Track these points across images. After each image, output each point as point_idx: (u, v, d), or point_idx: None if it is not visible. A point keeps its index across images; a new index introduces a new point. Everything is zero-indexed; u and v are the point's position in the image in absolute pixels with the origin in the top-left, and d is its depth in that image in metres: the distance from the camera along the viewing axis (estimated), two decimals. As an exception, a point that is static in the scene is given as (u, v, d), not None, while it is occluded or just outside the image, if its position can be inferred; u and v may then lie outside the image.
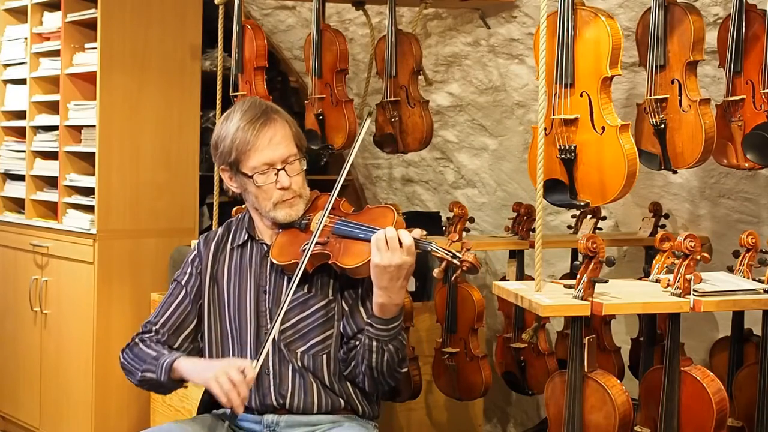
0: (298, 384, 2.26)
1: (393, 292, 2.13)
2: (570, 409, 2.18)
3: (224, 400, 2.07)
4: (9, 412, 4.49)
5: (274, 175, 2.26)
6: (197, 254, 2.41)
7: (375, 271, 2.11)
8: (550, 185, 2.43)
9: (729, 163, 2.46)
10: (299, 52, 4.38)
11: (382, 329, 2.17)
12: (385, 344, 2.19)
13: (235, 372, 2.08)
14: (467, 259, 2.11)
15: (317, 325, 2.27)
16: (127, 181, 3.99)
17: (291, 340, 2.27)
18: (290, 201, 2.28)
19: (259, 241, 2.36)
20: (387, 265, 2.09)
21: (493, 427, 4.21)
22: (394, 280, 2.11)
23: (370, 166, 4.53)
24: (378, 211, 2.28)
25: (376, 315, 2.17)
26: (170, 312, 2.36)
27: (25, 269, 4.31)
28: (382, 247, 2.09)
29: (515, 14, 3.31)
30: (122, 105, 3.96)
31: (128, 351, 2.35)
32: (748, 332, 2.65)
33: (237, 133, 2.26)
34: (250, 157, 2.25)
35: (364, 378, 2.24)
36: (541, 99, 2.36)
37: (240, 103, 2.35)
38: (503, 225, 3.27)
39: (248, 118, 2.27)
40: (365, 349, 2.19)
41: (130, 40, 3.97)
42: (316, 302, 2.28)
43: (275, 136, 2.27)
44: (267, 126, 2.26)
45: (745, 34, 2.34)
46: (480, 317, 3.09)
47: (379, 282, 2.12)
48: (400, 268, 2.10)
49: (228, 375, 2.07)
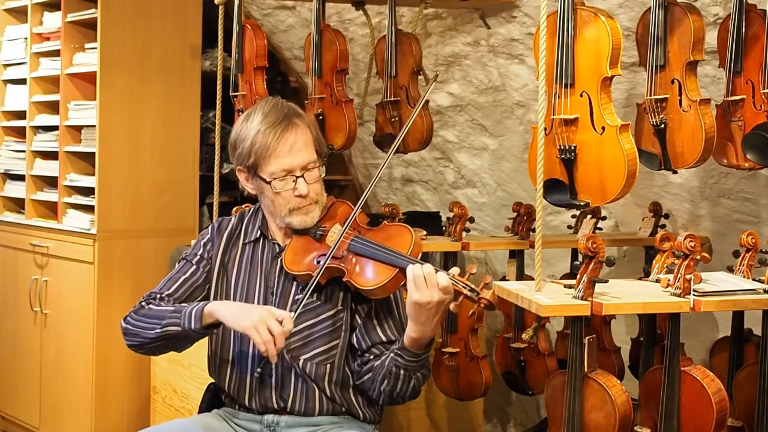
0: (300, 389, 2.25)
1: (428, 327, 2.10)
2: (570, 409, 2.18)
3: (262, 348, 2.05)
4: (9, 412, 4.49)
5: (292, 182, 2.22)
6: (210, 239, 2.37)
7: (413, 308, 2.07)
8: (550, 185, 2.43)
9: (729, 163, 2.46)
10: (299, 52, 4.38)
11: (411, 361, 2.15)
12: (413, 372, 2.17)
13: (274, 322, 2.05)
14: (485, 297, 2.06)
15: (324, 334, 2.25)
16: (127, 181, 3.99)
17: (295, 346, 2.24)
18: (306, 208, 2.25)
19: (272, 241, 2.34)
20: (428, 302, 2.05)
21: (493, 427, 4.21)
22: (431, 317, 2.08)
23: (370, 166, 4.53)
24: (395, 229, 2.24)
25: (407, 348, 2.14)
26: (178, 285, 2.32)
27: (25, 269, 4.31)
28: (421, 284, 2.05)
29: (515, 14, 3.31)
30: (122, 105, 3.96)
31: (133, 314, 2.28)
32: (748, 332, 2.66)
33: (257, 137, 2.21)
34: (270, 163, 2.21)
35: (381, 395, 2.23)
36: (541, 99, 2.36)
37: (262, 103, 2.29)
38: (503, 225, 3.27)
39: (270, 121, 2.22)
40: (390, 375, 2.17)
41: (130, 40, 3.97)
42: (324, 311, 2.25)
43: (297, 143, 2.22)
44: (288, 131, 2.21)
45: (745, 34, 2.34)
46: (480, 317, 3.09)
47: (416, 318, 2.08)
48: (440, 305, 2.07)
49: (267, 324, 2.05)
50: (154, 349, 2.30)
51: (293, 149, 2.21)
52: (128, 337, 2.29)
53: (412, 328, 2.10)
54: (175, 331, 2.19)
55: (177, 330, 2.18)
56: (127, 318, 2.30)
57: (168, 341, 2.24)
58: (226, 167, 4.34)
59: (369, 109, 3.76)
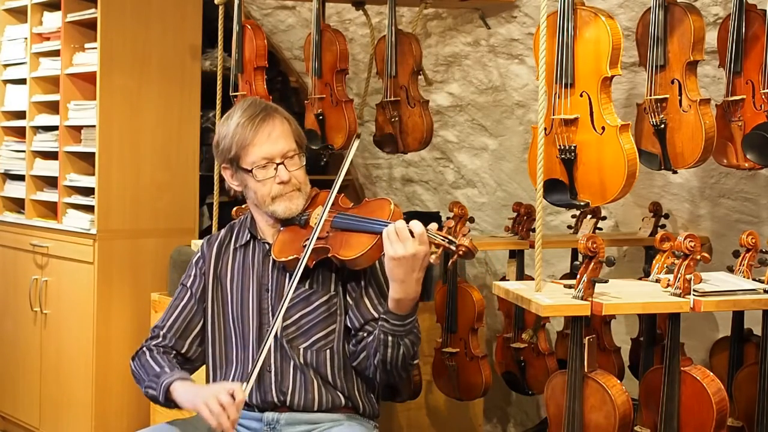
0: (300, 381, 2.27)
1: (409, 285, 2.12)
2: (570, 409, 2.18)
3: (214, 423, 2.07)
4: (9, 412, 4.49)
5: (273, 169, 2.28)
6: (201, 256, 2.44)
7: (390, 265, 2.11)
8: (550, 185, 2.43)
9: (729, 163, 2.46)
10: (299, 52, 4.38)
11: (397, 324, 2.17)
12: (401, 338, 2.19)
13: (225, 395, 2.08)
14: (463, 243, 2.10)
15: (320, 320, 2.28)
16: (127, 181, 3.99)
17: (293, 336, 2.28)
18: (289, 195, 2.30)
19: (261, 240, 2.37)
20: (402, 256, 2.08)
21: (493, 427, 4.21)
22: (410, 272, 2.10)
23: (370, 166, 4.53)
24: (375, 203, 2.29)
25: (391, 311, 2.17)
26: (176, 315, 2.39)
27: (25, 269, 4.31)
28: (394, 238, 2.09)
29: (515, 14, 3.31)
30: (122, 105, 3.96)
31: (137, 359, 2.37)
32: (748, 332, 2.66)
33: (237, 129, 2.29)
34: (249, 152, 2.28)
35: (376, 370, 2.24)
36: (541, 99, 2.36)
37: (240, 103, 2.38)
38: (503, 225, 3.27)
39: (248, 115, 2.30)
40: (379, 344, 2.19)
41: (130, 40, 3.97)
42: (317, 298, 2.29)
43: (273, 131, 2.29)
44: (266, 122, 2.29)
45: (745, 34, 2.34)
46: (480, 317, 3.09)
47: (395, 275, 2.11)
48: (415, 258, 2.09)
49: (218, 398, 2.08)
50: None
51: (271, 137, 2.29)
52: (135, 380, 2.39)
53: (393, 288, 2.14)
54: (153, 395, 2.28)
55: (154, 395, 2.28)
56: (133, 360, 2.39)
57: (154, 401, 2.32)
58: (226, 167, 4.34)
59: (369, 109, 3.76)
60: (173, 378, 2.25)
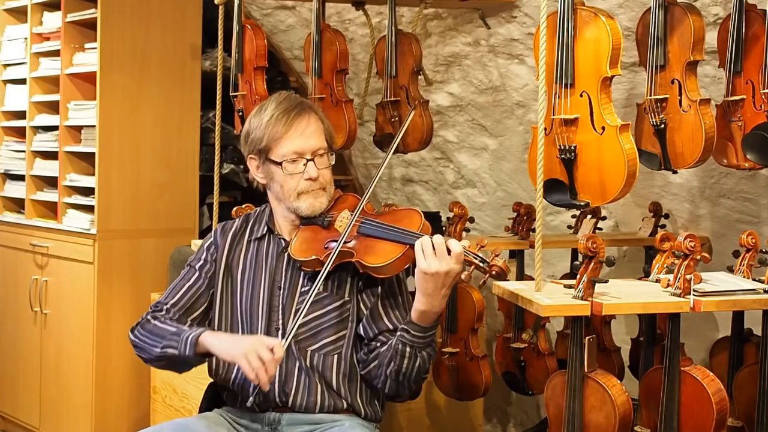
0: (303, 383, 2.26)
1: (436, 299, 2.11)
2: (570, 409, 2.18)
3: (252, 376, 2.06)
4: (9, 412, 4.49)
5: (302, 165, 2.27)
6: (213, 242, 2.41)
7: (421, 277, 2.09)
8: (550, 185, 2.43)
9: (729, 163, 2.46)
10: (299, 52, 4.38)
11: (418, 336, 2.17)
12: (420, 350, 2.18)
13: (265, 350, 2.07)
14: (496, 264, 2.10)
15: (331, 324, 2.27)
16: (127, 181, 3.99)
17: (303, 337, 2.26)
18: (315, 192, 2.29)
19: (278, 236, 2.36)
20: (435, 272, 2.07)
21: (493, 427, 4.21)
22: (439, 288, 2.10)
23: (370, 166, 4.53)
24: (404, 212, 2.27)
25: (414, 321, 2.16)
26: (182, 293, 2.36)
27: (25, 269, 4.31)
28: (429, 253, 2.08)
29: (515, 14, 3.31)
30: (122, 105, 3.96)
31: (140, 328, 2.33)
32: (748, 332, 2.66)
33: (270, 121, 2.28)
34: (282, 145, 2.27)
35: (386, 380, 2.23)
36: (541, 99, 2.36)
37: (276, 95, 2.37)
38: (503, 225, 3.27)
39: (283, 108, 2.30)
40: (396, 354, 2.18)
41: (130, 40, 3.97)
42: (331, 302, 2.27)
43: (308, 128, 2.29)
44: (301, 116, 2.29)
45: (745, 34, 2.34)
46: (480, 317, 3.09)
47: (424, 288, 2.10)
48: (448, 275, 2.09)
49: (257, 353, 2.06)
50: (159, 366, 2.36)
51: (305, 133, 2.28)
52: (137, 350, 2.35)
53: (420, 300, 2.12)
54: (172, 354, 2.23)
55: (174, 353, 2.23)
56: (134, 331, 2.35)
57: (168, 362, 2.29)
58: (226, 167, 4.34)
59: (369, 109, 3.76)
60: (201, 330, 2.22)
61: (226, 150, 4.34)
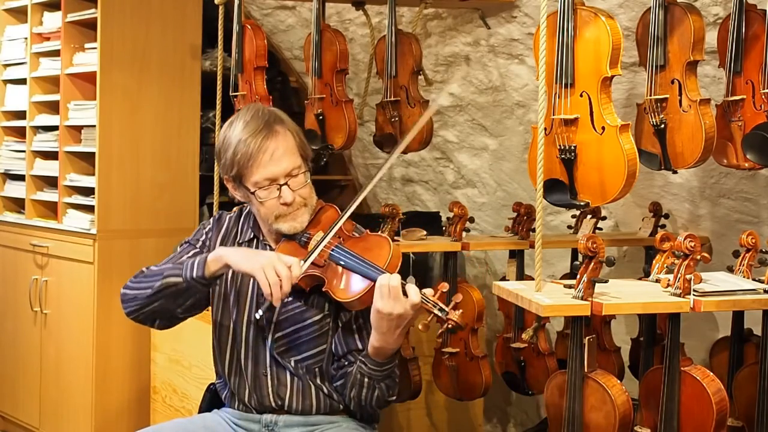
0: (297, 386, 2.26)
1: (390, 338, 2.11)
2: (570, 409, 2.18)
3: (267, 291, 2.06)
4: (9, 412, 4.49)
5: (276, 190, 2.21)
6: (211, 228, 2.40)
7: (375, 316, 2.09)
8: (550, 185, 2.43)
9: (729, 163, 2.46)
10: (299, 52, 4.38)
11: (375, 370, 2.17)
12: (378, 382, 2.19)
13: (283, 267, 2.07)
14: (452, 319, 2.07)
15: (311, 338, 2.27)
16: (127, 181, 3.99)
17: (284, 349, 2.27)
18: (293, 214, 2.24)
19: (264, 242, 2.35)
20: (389, 313, 2.06)
21: (493, 427, 4.21)
22: (393, 329, 2.09)
23: (370, 166, 4.53)
24: (375, 240, 2.25)
25: (369, 355, 2.16)
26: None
27: (25, 269, 4.31)
28: (385, 293, 2.06)
29: (515, 14, 3.31)
30: (122, 105, 3.96)
31: (132, 279, 2.27)
32: (748, 332, 2.65)
33: (239, 146, 2.19)
34: (253, 173, 2.19)
35: (350, 402, 2.25)
36: (541, 99, 2.36)
37: (243, 111, 2.27)
38: (503, 225, 3.27)
39: (250, 130, 2.19)
40: (355, 382, 2.20)
41: (130, 39, 3.97)
42: (311, 315, 2.27)
43: (277, 150, 2.19)
44: (269, 139, 2.19)
45: (745, 34, 2.34)
46: (480, 317, 3.09)
47: (378, 327, 2.10)
48: (401, 318, 2.07)
49: (275, 268, 2.06)
50: (152, 312, 2.24)
51: (274, 157, 2.19)
52: (126, 303, 2.26)
53: (375, 336, 2.12)
54: (174, 282, 2.16)
55: (177, 281, 2.16)
56: (126, 285, 2.28)
57: (166, 299, 2.20)
58: (226, 167, 4.33)
59: (369, 109, 3.76)
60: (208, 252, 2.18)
61: (226, 150, 4.33)
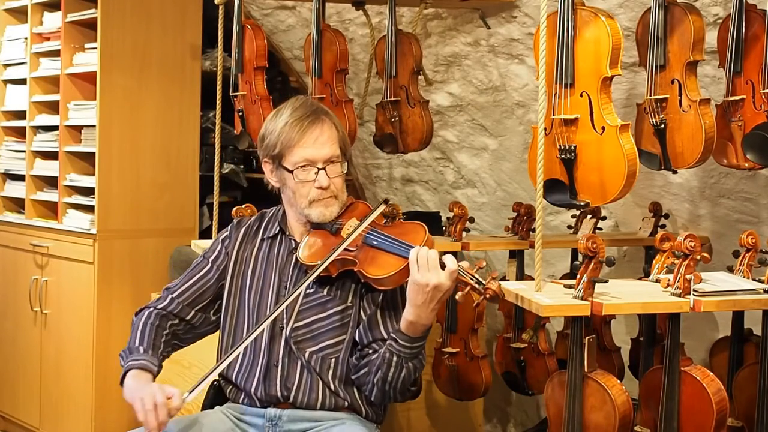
0: (305, 379, 2.27)
1: (424, 312, 2.12)
2: (570, 409, 2.18)
3: (141, 418, 2.09)
4: (9, 412, 4.49)
5: (314, 173, 2.28)
6: (228, 236, 2.44)
7: (412, 288, 2.11)
8: (550, 185, 2.43)
9: (729, 163, 2.46)
10: (299, 52, 4.38)
11: (405, 346, 2.17)
12: (406, 361, 2.18)
13: (161, 396, 2.11)
14: (491, 287, 2.09)
15: (331, 328, 2.28)
16: (127, 181, 3.99)
17: (302, 339, 2.27)
18: (326, 201, 2.30)
19: (289, 236, 2.38)
20: (425, 284, 2.08)
21: (493, 427, 4.21)
22: (428, 301, 2.10)
23: (370, 166, 4.53)
24: (410, 226, 2.28)
25: (402, 331, 2.17)
26: (191, 283, 2.39)
27: (25, 269, 4.31)
28: (423, 264, 2.09)
29: (515, 14, 3.31)
30: (122, 105, 3.96)
31: (138, 316, 2.39)
32: (748, 332, 2.66)
33: (284, 128, 2.28)
34: (294, 153, 2.27)
35: (373, 388, 2.24)
36: (541, 99, 2.36)
37: (293, 100, 2.37)
38: (503, 225, 3.27)
39: (298, 115, 2.29)
40: (383, 362, 2.19)
41: (130, 40, 3.97)
42: (333, 306, 2.28)
43: (321, 136, 2.28)
44: (315, 125, 2.28)
45: (745, 34, 2.34)
46: (480, 317, 3.09)
47: (413, 299, 2.11)
48: (437, 290, 2.09)
49: (153, 397, 2.10)
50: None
51: (318, 142, 2.28)
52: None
53: (409, 310, 2.13)
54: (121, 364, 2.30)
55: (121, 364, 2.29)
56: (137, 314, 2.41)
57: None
58: (226, 167, 4.34)
59: (369, 109, 3.76)
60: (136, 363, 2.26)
61: (226, 150, 4.34)
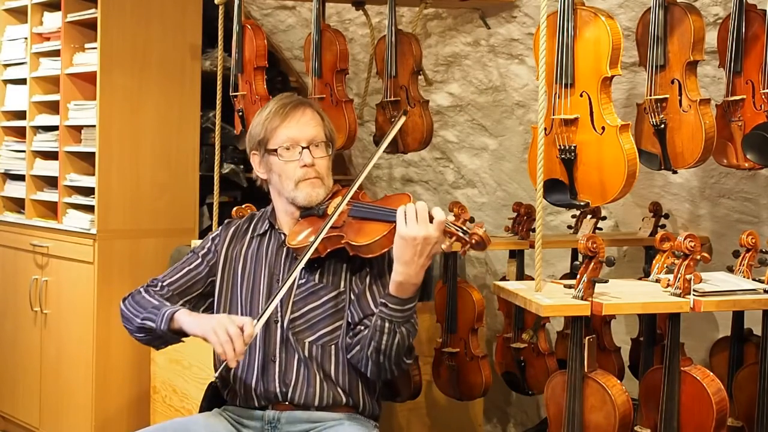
0: (303, 374, 2.28)
1: (413, 269, 2.12)
2: (570, 409, 2.18)
3: (219, 350, 2.11)
4: (9, 412, 4.49)
5: (298, 153, 2.32)
6: (218, 234, 2.49)
7: (399, 243, 2.12)
8: (550, 185, 2.43)
9: (729, 163, 2.46)
10: (299, 52, 4.38)
11: (396, 309, 2.17)
12: (398, 326, 2.18)
13: (233, 326, 2.11)
14: (476, 232, 2.11)
15: (327, 315, 2.30)
16: (127, 181, 3.99)
17: (300, 329, 2.29)
18: (312, 181, 2.34)
19: (278, 231, 2.40)
20: (414, 236, 2.09)
21: (493, 427, 4.21)
22: (417, 256, 2.11)
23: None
24: (395, 197, 2.31)
25: (392, 294, 2.17)
26: (181, 275, 2.43)
27: (25, 269, 4.31)
28: (411, 217, 2.11)
29: (515, 14, 3.31)
30: (122, 105, 3.96)
31: (130, 299, 2.39)
32: (748, 332, 2.65)
33: (269, 114, 2.37)
34: (278, 134, 2.34)
35: (368, 362, 2.24)
36: (541, 99, 2.36)
37: (277, 96, 2.46)
38: (503, 225, 3.27)
39: (281, 103, 2.39)
40: (375, 330, 2.19)
41: (130, 40, 3.97)
42: (326, 293, 2.31)
43: (304, 117, 2.36)
44: (297, 109, 2.37)
45: (745, 34, 2.34)
46: (480, 317, 3.09)
47: (401, 255, 2.12)
48: (426, 242, 2.10)
49: (226, 328, 2.11)
50: (140, 339, 2.38)
51: (300, 122, 2.36)
52: (123, 320, 2.40)
53: (396, 270, 2.14)
54: (150, 327, 2.29)
55: (152, 326, 2.28)
56: (125, 301, 2.40)
57: (147, 335, 2.33)
58: (226, 167, 4.34)
59: (369, 109, 3.76)
60: (177, 308, 2.28)
61: (226, 150, 4.34)
